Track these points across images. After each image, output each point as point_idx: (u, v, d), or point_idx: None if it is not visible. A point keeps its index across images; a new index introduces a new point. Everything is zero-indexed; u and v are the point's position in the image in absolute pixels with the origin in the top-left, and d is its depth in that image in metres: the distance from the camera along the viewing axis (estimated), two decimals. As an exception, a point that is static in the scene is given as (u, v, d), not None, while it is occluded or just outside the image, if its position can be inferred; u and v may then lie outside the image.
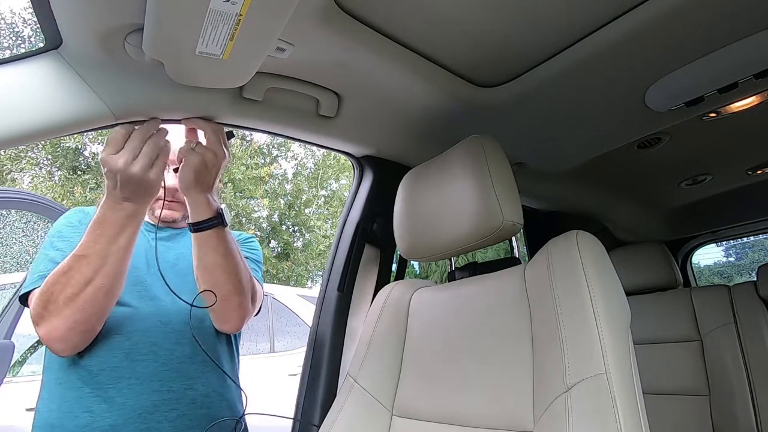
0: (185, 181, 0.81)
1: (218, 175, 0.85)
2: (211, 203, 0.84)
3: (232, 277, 0.85)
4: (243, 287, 0.87)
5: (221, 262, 0.85)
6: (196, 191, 0.82)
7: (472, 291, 0.85)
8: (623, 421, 0.53)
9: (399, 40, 0.82)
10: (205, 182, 0.82)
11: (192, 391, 0.87)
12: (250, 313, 0.92)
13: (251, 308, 0.92)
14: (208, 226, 0.83)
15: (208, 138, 0.83)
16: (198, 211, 0.83)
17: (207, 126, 0.83)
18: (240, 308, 0.88)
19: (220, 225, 0.84)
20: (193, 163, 0.80)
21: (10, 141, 0.64)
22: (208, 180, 0.82)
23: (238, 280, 0.86)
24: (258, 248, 1.11)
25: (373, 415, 0.83)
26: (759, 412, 1.32)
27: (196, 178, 0.81)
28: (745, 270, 6.89)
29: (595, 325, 0.61)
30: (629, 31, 0.78)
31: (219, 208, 0.85)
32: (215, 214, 0.84)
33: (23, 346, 2.34)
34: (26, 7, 7.94)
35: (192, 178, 0.81)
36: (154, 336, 0.86)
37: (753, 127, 1.23)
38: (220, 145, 0.83)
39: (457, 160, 0.86)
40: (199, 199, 0.83)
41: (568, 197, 1.69)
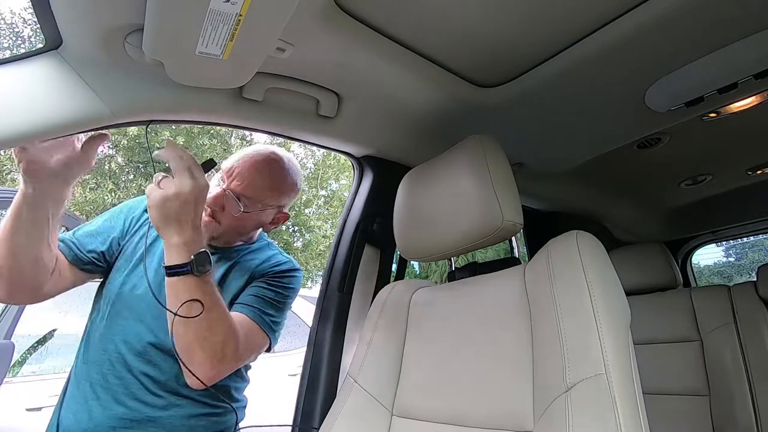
0: (153, 221, 0.74)
1: (196, 209, 0.75)
2: (184, 245, 0.74)
3: (197, 333, 0.75)
4: (212, 346, 0.76)
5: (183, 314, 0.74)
6: (166, 232, 0.74)
7: (472, 291, 0.85)
8: (623, 421, 0.53)
9: (399, 40, 0.82)
10: (177, 220, 0.74)
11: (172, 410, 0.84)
12: (223, 372, 0.81)
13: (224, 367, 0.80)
14: (173, 273, 0.74)
15: (173, 169, 0.75)
16: (169, 253, 0.75)
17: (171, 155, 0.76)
18: (202, 367, 0.77)
19: (189, 273, 0.74)
20: (153, 202, 0.73)
21: (10, 141, 0.64)
22: (181, 217, 0.74)
23: (203, 338, 0.75)
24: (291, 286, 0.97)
25: (373, 415, 0.83)
26: (759, 412, 1.32)
27: (162, 218, 0.73)
28: (745, 270, 6.89)
29: (595, 325, 0.61)
30: (629, 31, 0.78)
31: (196, 253, 0.74)
32: (186, 261, 0.74)
33: (23, 346, 2.34)
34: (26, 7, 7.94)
35: (157, 218, 0.73)
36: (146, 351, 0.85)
37: (753, 127, 1.23)
38: (186, 175, 0.74)
39: (457, 160, 0.86)
40: (171, 241, 0.74)
41: (568, 197, 1.69)
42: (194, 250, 0.75)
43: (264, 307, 0.91)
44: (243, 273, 0.95)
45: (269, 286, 0.94)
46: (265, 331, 0.90)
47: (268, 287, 0.94)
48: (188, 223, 0.75)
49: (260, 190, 0.92)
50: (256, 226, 0.99)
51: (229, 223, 0.92)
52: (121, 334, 0.86)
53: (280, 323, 0.96)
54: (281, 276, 0.97)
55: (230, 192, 0.90)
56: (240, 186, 0.90)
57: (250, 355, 0.88)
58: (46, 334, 2.45)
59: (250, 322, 0.87)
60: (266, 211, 0.96)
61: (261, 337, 0.89)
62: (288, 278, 0.98)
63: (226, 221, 0.92)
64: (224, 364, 0.79)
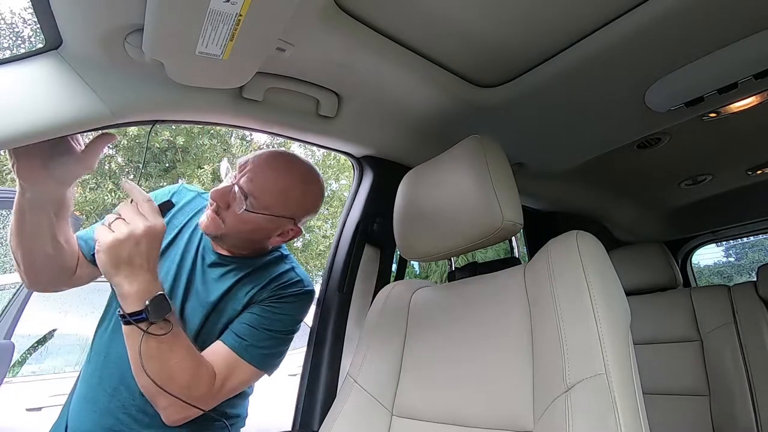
0: (102, 268, 0.70)
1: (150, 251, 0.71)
2: (137, 294, 0.70)
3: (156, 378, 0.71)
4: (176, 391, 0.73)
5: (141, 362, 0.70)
6: (119, 278, 0.69)
7: (472, 291, 0.85)
8: (623, 421, 0.53)
9: (399, 40, 0.82)
10: (129, 265, 0.69)
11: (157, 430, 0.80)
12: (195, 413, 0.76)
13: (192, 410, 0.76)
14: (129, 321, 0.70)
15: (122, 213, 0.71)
16: (123, 302, 0.71)
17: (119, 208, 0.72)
18: (167, 411, 0.74)
19: (144, 321, 0.70)
20: (103, 246, 0.68)
21: (10, 141, 0.64)
22: (133, 261, 0.69)
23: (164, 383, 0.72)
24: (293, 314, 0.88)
25: (373, 416, 0.83)
26: (759, 412, 1.32)
27: (113, 263, 0.69)
28: (745, 270, 6.89)
29: (595, 325, 0.61)
30: (629, 31, 0.78)
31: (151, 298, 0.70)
32: (140, 308, 0.69)
33: (23, 346, 2.34)
34: (26, 7, 7.93)
35: (107, 263, 0.69)
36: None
37: (753, 127, 1.23)
38: (137, 216, 0.70)
39: (457, 160, 0.86)
40: (123, 290, 0.70)
41: (568, 197, 1.69)
42: (149, 295, 0.70)
43: (257, 339, 0.83)
44: (247, 290, 0.88)
45: (270, 313, 0.86)
46: (255, 366, 0.83)
47: (269, 314, 0.86)
48: (142, 267, 0.70)
49: (269, 192, 0.83)
50: (263, 235, 0.88)
51: (233, 224, 0.84)
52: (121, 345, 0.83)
53: (281, 353, 0.88)
54: (285, 299, 0.88)
55: (238, 187, 0.83)
56: (249, 183, 0.83)
57: (233, 391, 0.82)
58: (46, 334, 2.45)
59: (235, 358, 0.81)
60: (274, 219, 0.86)
61: (249, 372, 0.83)
62: (292, 303, 0.89)
63: (230, 221, 0.84)
64: (193, 409, 0.75)
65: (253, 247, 0.91)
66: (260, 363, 0.83)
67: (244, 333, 0.83)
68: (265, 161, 0.86)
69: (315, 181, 0.92)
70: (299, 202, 0.88)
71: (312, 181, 0.91)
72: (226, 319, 0.86)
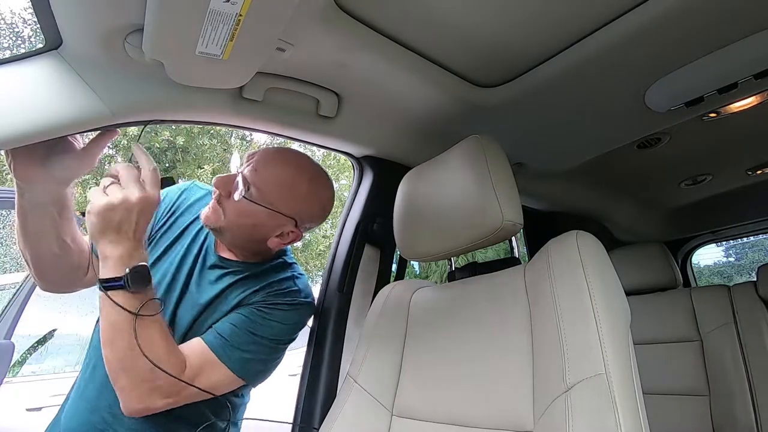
0: (90, 230, 0.68)
1: (138, 222, 0.70)
2: (119, 260, 0.68)
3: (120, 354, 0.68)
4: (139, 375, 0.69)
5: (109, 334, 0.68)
6: (104, 242, 0.68)
7: (472, 291, 0.85)
8: (623, 421, 0.53)
9: (399, 40, 0.82)
10: (117, 231, 0.68)
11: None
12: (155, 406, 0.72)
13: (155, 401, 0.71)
14: (107, 286, 0.68)
15: (120, 178, 0.70)
16: (104, 266, 0.69)
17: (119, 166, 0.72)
18: (127, 395, 0.70)
19: (121, 288, 0.68)
20: (95, 208, 0.67)
21: (10, 141, 0.64)
22: (121, 228, 0.68)
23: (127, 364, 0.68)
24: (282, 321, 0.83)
25: (373, 416, 0.83)
26: (759, 412, 1.32)
27: (101, 227, 0.68)
28: (745, 270, 6.89)
29: (595, 325, 0.61)
30: (629, 31, 0.78)
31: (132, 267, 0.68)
32: (120, 274, 0.68)
33: (23, 346, 2.34)
34: (26, 7, 7.93)
35: (95, 226, 0.68)
36: None
37: (753, 127, 1.23)
38: (135, 184, 0.70)
39: (457, 160, 0.86)
40: (106, 252, 0.68)
41: (568, 197, 1.69)
42: (131, 263, 0.69)
43: (239, 341, 0.78)
44: (239, 292, 0.85)
45: (258, 317, 0.81)
46: (232, 370, 0.77)
47: (257, 318, 0.81)
48: (128, 234, 0.69)
49: (272, 185, 0.81)
50: (261, 233, 0.85)
51: (233, 216, 0.82)
52: None
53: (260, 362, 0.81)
54: (278, 306, 0.83)
55: (241, 175, 0.81)
56: (252, 173, 0.81)
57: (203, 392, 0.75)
58: (46, 334, 2.46)
59: (210, 355, 0.76)
60: (273, 215, 0.82)
61: (223, 374, 0.77)
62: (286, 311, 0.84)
63: (230, 212, 0.82)
64: (155, 399, 0.70)
65: (253, 247, 0.88)
66: (238, 367, 0.78)
67: (226, 332, 0.79)
68: (274, 154, 0.84)
69: (324, 186, 0.88)
70: (302, 202, 0.85)
71: (321, 185, 0.88)
72: (213, 321, 0.83)
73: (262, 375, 0.84)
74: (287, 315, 0.84)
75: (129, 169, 0.71)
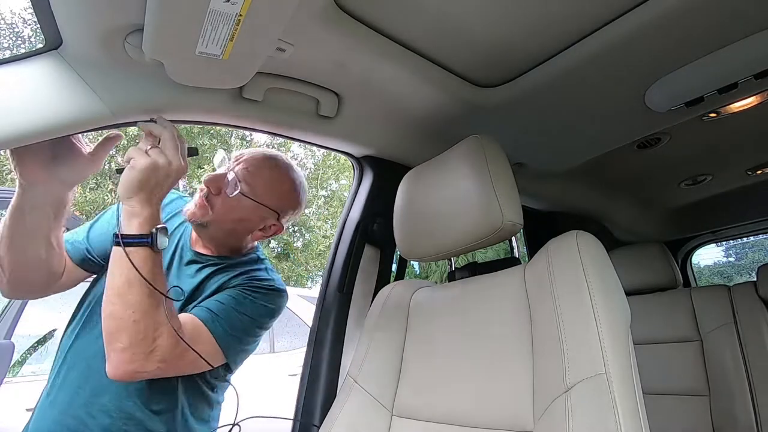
0: (126, 185, 0.70)
1: (169, 188, 0.74)
2: (149, 218, 0.71)
3: (126, 311, 0.69)
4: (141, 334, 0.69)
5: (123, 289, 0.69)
6: (137, 199, 0.70)
7: (472, 291, 0.85)
8: (623, 421, 0.53)
9: (399, 40, 0.82)
10: (150, 192, 0.71)
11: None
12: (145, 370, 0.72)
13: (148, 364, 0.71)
14: (132, 243, 0.69)
15: (163, 143, 0.72)
16: (130, 223, 0.70)
17: (164, 131, 0.73)
18: (124, 354, 0.70)
19: (147, 246, 0.70)
20: (140, 165, 0.69)
21: (10, 141, 0.64)
22: (154, 190, 0.71)
23: (132, 319, 0.69)
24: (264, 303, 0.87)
25: (373, 415, 0.83)
26: (759, 412, 1.32)
27: (140, 185, 0.69)
28: (745, 270, 6.89)
29: (595, 325, 0.61)
30: (629, 31, 0.78)
31: (157, 227, 0.71)
32: (147, 232, 0.70)
33: (23, 346, 2.34)
34: (26, 7, 7.93)
35: (135, 182, 0.69)
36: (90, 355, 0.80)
37: (753, 127, 1.23)
38: (176, 152, 0.72)
39: (457, 160, 0.86)
40: (136, 210, 0.70)
41: (568, 197, 1.69)
42: (156, 224, 0.72)
43: (225, 315, 0.81)
44: (218, 280, 0.89)
45: (240, 297, 0.85)
46: (218, 342, 0.80)
47: (238, 298, 0.85)
48: (158, 197, 0.72)
49: (263, 181, 0.89)
50: (247, 227, 0.91)
51: (221, 210, 0.87)
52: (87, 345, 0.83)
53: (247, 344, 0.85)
54: (257, 290, 0.88)
55: (233, 173, 0.87)
56: (244, 171, 0.88)
57: (190, 366, 0.77)
58: (46, 334, 2.45)
59: (201, 326, 0.79)
60: (260, 209, 0.89)
61: (210, 346, 0.79)
62: (265, 295, 0.88)
63: (218, 207, 0.87)
64: (150, 361, 0.71)
65: (232, 241, 0.93)
66: (222, 340, 0.80)
67: (214, 307, 0.82)
68: (262, 157, 0.92)
69: (301, 183, 0.98)
70: (287, 197, 0.94)
71: (299, 186, 0.97)
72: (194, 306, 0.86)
73: (240, 354, 0.87)
74: (267, 298, 0.89)
75: (173, 140, 0.73)
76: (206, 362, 0.78)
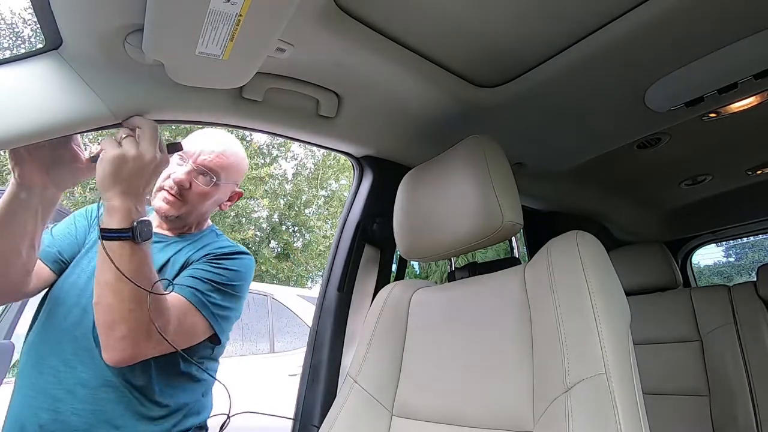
0: (99, 177, 0.70)
1: (148, 181, 0.73)
2: (128, 211, 0.71)
3: (122, 304, 0.71)
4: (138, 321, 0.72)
5: (112, 283, 0.70)
6: (112, 192, 0.70)
7: (472, 291, 0.85)
8: (623, 421, 0.53)
9: (399, 40, 0.82)
10: (126, 184, 0.70)
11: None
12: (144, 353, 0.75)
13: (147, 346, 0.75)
14: (112, 237, 0.70)
15: (139, 135, 0.72)
16: (110, 216, 0.70)
17: (144, 123, 0.74)
18: (124, 341, 0.72)
19: (129, 239, 0.70)
20: (110, 156, 0.69)
21: (10, 141, 0.64)
22: (130, 182, 0.71)
23: (129, 309, 0.71)
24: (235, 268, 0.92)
25: (373, 415, 0.83)
26: (759, 412, 1.32)
27: (113, 177, 0.69)
28: (745, 270, 6.89)
29: (595, 325, 0.61)
30: (629, 31, 0.78)
31: (139, 220, 0.72)
32: (128, 226, 0.70)
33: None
34: (26, 7, 7.93)
35: (107, 174, 0.69)
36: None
37: (753, 127, 1.23)
38: (151, 144, 0.72)
39: (457, 160, 0.86)
40: (115, 204, 0.70)
41: (568, 197, 1.69)
42: (138, 216, 0.72)
43: (203, 288, 0.86)
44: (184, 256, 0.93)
45: (209, 268, 0.89)
46: (204, 315, 0.84)
47: (208, 269, 0.89)
48: (137, 190, 0.72)
49: (225, 165, 0.97)
50: (215, 204, 1.02)
51: (195, 200, 0.95)
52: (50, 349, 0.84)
53: (228, 309, 0.90)
54: (223, 257, 0.92)
55: (200, 166, 0.94)
56: (209, 162, 0.95)
57: (184, 340, 0.81)
58: (46, 334, 2.45)
59: (185, 303, 0.82)
60: (227, 187, 1.01)
61: (199, 322, 0.84)
62: (231, 260, 0.93)
63: (192, 198, 0.95)
64: (148, 344, 0.74)
65: (201, 219, 1.03)
66: (207, 312, 0.85)
67: (188, 282, 0.86)
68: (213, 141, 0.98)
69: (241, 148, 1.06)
70: (241, 168, 1.04)
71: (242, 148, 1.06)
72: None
73: (225, 323, 0.91)
74: (234, 263, 0.94)
75: (148, 131, 0.72)
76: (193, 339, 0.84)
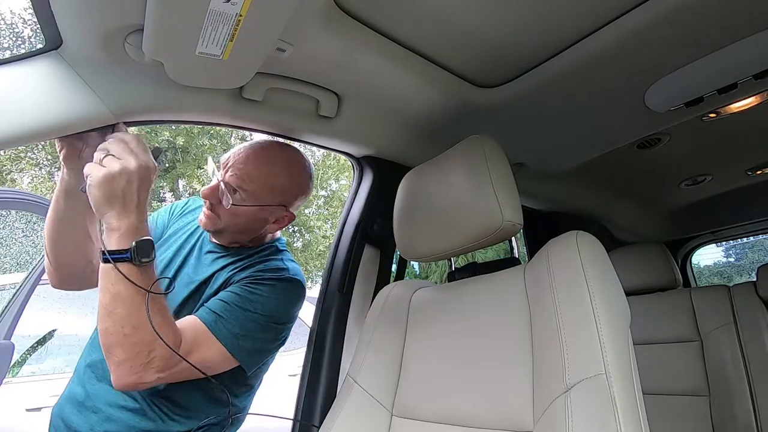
0: (95, 205, 0.68)
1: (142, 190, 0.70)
2: (127, 231, 0.68)
3: (116, 327, 0.68)
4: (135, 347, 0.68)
5: (106, 305, 0.68)
6: (112, 215, 0.68)
7: (472, 291, 0.85)
8: (623, 421, 0.53)
9: (399, 40, 0.82)
10: (123, 202, 0.68)
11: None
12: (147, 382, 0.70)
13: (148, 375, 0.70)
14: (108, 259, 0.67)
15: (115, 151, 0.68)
16: (110, 238, 0.68)
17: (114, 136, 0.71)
18: (121, 367, 0.68)
19: (127, 261, 0.68)
20: (97, 180, 0.66)
21: (10, 141, 0.64)
22: (126, 199, 0.68)
23: (125, 335, 0.67)
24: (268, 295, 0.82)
25: (373, 416, 0.83)
26: (759, 412, 1.32)
27: (106, 199, 0.67)
28: (745, 270, 6.88)
29: (595, 325, 0.61)
30: (629, 31, 0.78)
31: (138, 240, 0.68)
32: (126, 247, 0.68)
33: (23, 346, 2.34)
34: (26, 7, 7.93)
35: (100, 198, 0.67)
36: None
37: (753, 127, 1.23)
38: (131, 153, 0.69)
39: (457, 160, 0.86)
40: (113, 224, 0.68)
41: (568, 197, 1.69)
42: (137, 236, 0.69)
43: (229, 316, 0.78)
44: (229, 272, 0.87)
45: (246, 292, 0.81)
46: (224, 344, 0.76)
47: (244, 293, 0.81)
48: (132, 205, 0.69)
49: (255, 182, 0.85)
50: (259, 224, 0.90)
51: (228, 218, 0.86)
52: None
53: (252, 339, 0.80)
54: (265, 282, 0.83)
55: (224, 183, 0.84)
56: (233, 177, 0.85)
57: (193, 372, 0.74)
58: (46, 334, 2.45)
59: (204, 330, 0.76)
60: (264, 209, 0.88)
61: (216, 350, 0.76)
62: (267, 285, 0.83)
63: (224, 215, 0.86)
64: (149, 373, 0.69)
65: (251, 237, 0.93)
66: (230, 343, 0.77)
67: (216, 307, 0.79)
68: (246, 154, 0.87)
69: (300, 166, 0.93)
70: (286, 189, 0.89)
71: (296, 166, 0.92)
72: (205, 300, 0.84)
73: (255, 355, 0.83)
74: (273, 289, 0.84)
75: (119, 142, 0.70)
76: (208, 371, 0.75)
